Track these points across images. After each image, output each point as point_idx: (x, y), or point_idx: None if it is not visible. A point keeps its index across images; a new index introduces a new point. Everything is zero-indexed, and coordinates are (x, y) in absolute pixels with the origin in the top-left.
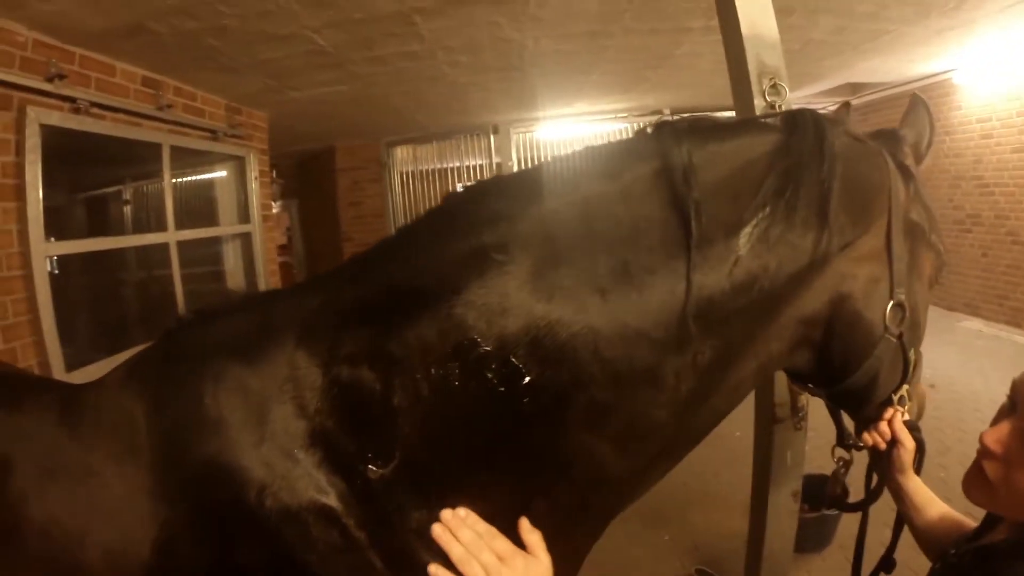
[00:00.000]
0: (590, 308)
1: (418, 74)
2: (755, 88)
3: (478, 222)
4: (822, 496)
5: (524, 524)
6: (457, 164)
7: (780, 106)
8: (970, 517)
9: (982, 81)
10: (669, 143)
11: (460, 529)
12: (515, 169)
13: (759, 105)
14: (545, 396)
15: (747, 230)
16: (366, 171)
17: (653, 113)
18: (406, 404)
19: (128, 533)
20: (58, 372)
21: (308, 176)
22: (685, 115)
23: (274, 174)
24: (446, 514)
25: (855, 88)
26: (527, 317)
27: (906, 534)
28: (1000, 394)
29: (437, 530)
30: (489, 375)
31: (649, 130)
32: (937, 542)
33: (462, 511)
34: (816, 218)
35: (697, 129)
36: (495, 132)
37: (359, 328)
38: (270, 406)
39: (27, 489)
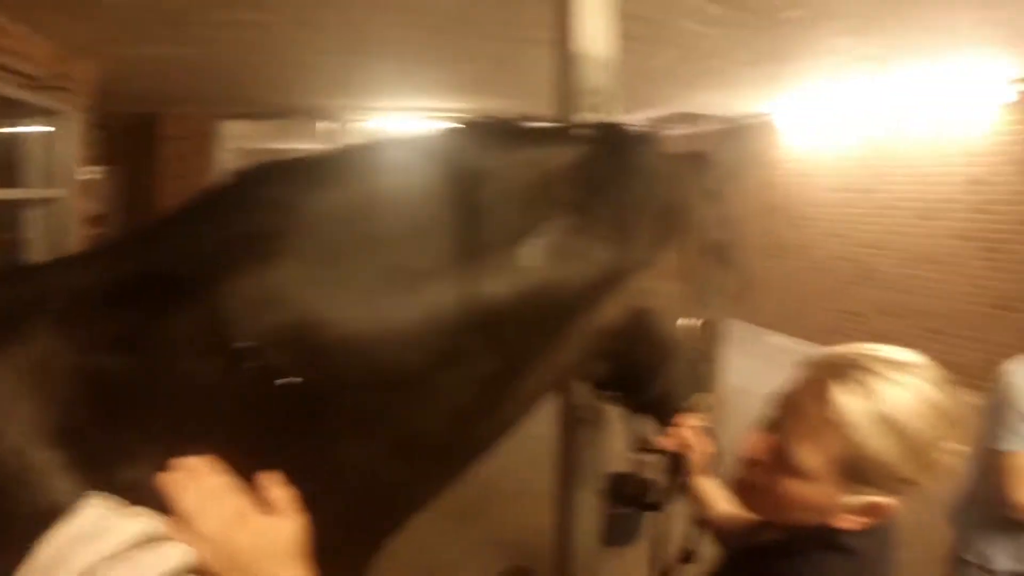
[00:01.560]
0: (361, 308)
1: (263, 46)
2: (579, 104)
3: (255, 206)
4: (625, 494)
5: (266, 479)
6: (291, 146)
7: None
8: None
9: (804, 123)
10: (468, 144)
11: (191, 483)
12: None
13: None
14: (310, 398)
15: (539, 241)
16: (193, 143)
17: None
18: (161, 400)
19: None
20: None
21: (134, 143)
22: (495, 117)
23: (96, 136)
24: (176, 464)
25: (686, 117)
26: (294, 313)
27: None
28: None
29: (163, 481)
30: (250, 372)
31: (455, 128)
32: (728, 534)
33: (194, 460)
34: (616, 233)
35: (503, 132)
36: (333, 119)
37: (118, 314)
38: (16, 395)
39: None
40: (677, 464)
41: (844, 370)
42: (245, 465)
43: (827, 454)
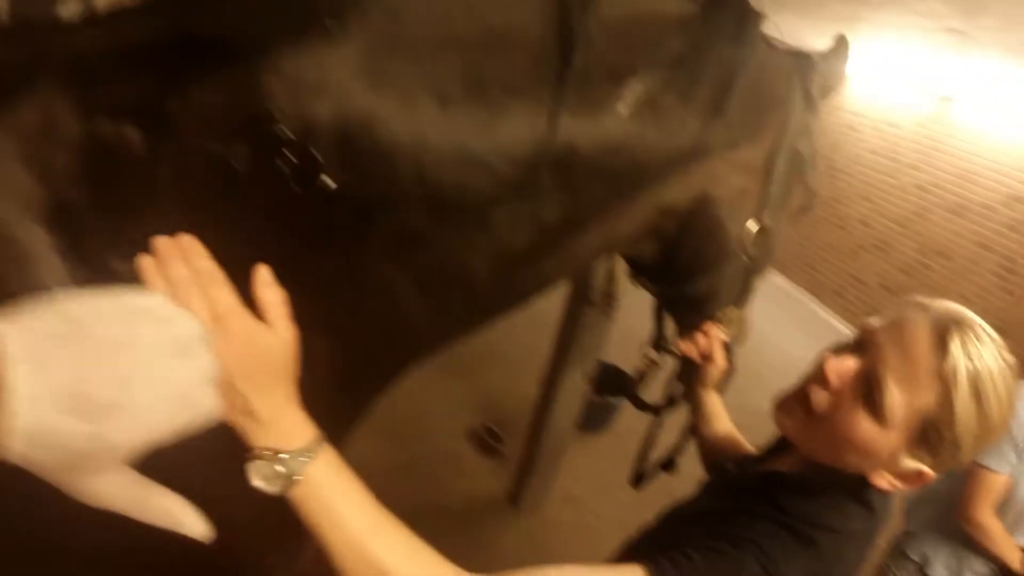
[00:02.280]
0: (424, 113)
1: None
2: None
3: None
4: (612, 385)
5: (262, 274)
6: None
7: None
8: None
9: (870, 80)
10: None
11: (173, 262)
12: None
13: None
14: (346, 207)
15: (636, 86)
16: None
17: None
18: (173, 182)
19: None
20: None
21: None
22: None
23: None
24: (161, 241)
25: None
26: (344, 104)
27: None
28: (789, 345)
29: (143, 262)
30: (282, 165)
31: None
32: (718, 455)
33: (185, 238)
34: (711, 103)
35: None
36: None
37: (135, 74)
38: (10, 163)
39: None
40: (689, 370)
41: (965, 328)
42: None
43: (917, 406)
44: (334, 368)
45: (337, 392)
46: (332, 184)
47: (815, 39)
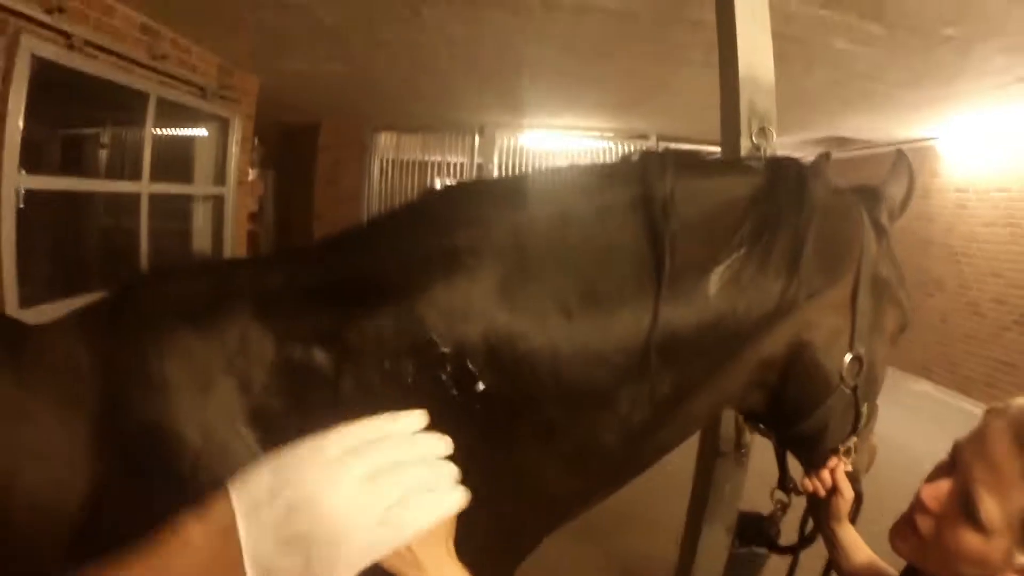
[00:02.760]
0: (553, 325)
1: (415, 63)
2: (744, 129)
3: (454, 223)
4: (753, 533)
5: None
6: (439, 159)
7: (766, 150)
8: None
9: (964, 152)
10: (654, 172)
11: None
12: (496, 172)
13: (745, 146)
14: (498, 406)
15: (719, 270)
16: (348, 152)
17: (639, 137)
18: (354, 393)
19: (58, 484)
20: (11, 307)
21: (289, 148)
22: (671, 147)
23: (256, 141)
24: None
25: (840, 141)
26: (489, 325)
27: None
28: (941, 456)
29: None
30: (443, 377)
31: (635, 157)
32: None
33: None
34: (788, 266)
35: (682, 163)
36: (481, 133)
37: (318, 310)
38: (216, 376)
39: None
40: (819, 507)
41: None
42: None
43: (1013, 508)
44: (489, 534)
45: (491, 556)
46: (482, 386)
47: (899, 130)
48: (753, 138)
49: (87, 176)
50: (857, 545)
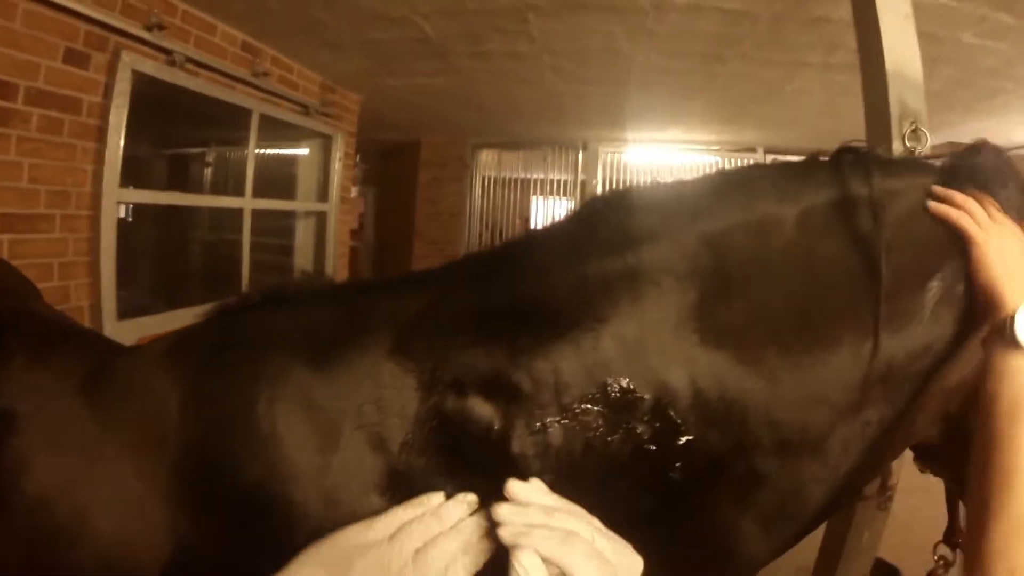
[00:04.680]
0: (768, 359)
1: (518, 76)
2: (895, 131)
3: (632, 237)
4: None
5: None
6: (541, 176)
7: (919, 152)
8: None
9: None
10: (852, 171)
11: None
12: (600, 189)
13: (897, 149)
14: (701, 461)
15: (933, 284)
16: (448, 169)
17: (747, 150)
18: (529, 453)
19: (131, 541)
20: (109, 318)
21: (389, 166)
22: (862, 144)
23: (358, 158)
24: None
25: (954, 148)
26: (692, 362)
27: None
28: None
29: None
30: (640, 429)
31: (822, 156)
32: None
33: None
34: None
35: (877, 161)
36: (584, 148)
37: (473, 347)
38: (343, 429)
39: (27, 456)
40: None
41: None
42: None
43: None
44: None
45: None
46: (685, 439)
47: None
48: (906, 140)
49: (193, 192)
50: None
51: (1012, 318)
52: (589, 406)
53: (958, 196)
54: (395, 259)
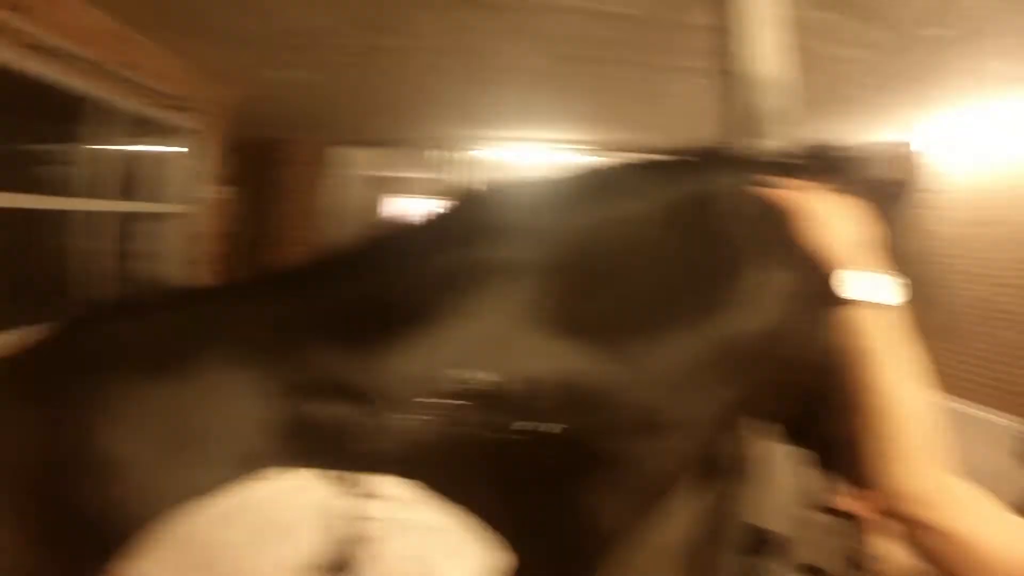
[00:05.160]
0: (616, 347)
1: (395, 73)
2: (757, 131)
3: (490, 233)
4: (759, 547)
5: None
6: (411, 175)
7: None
8: None
9: (946, 153)
10: (695, 168)
11: None
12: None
13: (759, 148)
14: (559, 448)
15: (769, 270)
16: (318, 168)
17: (621, 150)
18: (390, 451)
19: None
20: None
21: (259, 165)
22: (714, 145)
23: (227, 157)
24: None
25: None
26: (542, 354)
27: None
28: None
29: None
30: (500, 421)
31: (683, 153)
32: None
33: None
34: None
35: (722, 158)
36: (456, 148)
37: (328, 348)
38: (195, 445)
39: None
40: (858, 527)
41: None
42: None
43: None
44: None
45: None
46: (542, 427)
47: (872, 134)
48: (767, 140)
49: (43, 192)
50: (905, 560)
51: (846, 279)
52: (449, 400)
53: (794, 182)
54: (265, 262)
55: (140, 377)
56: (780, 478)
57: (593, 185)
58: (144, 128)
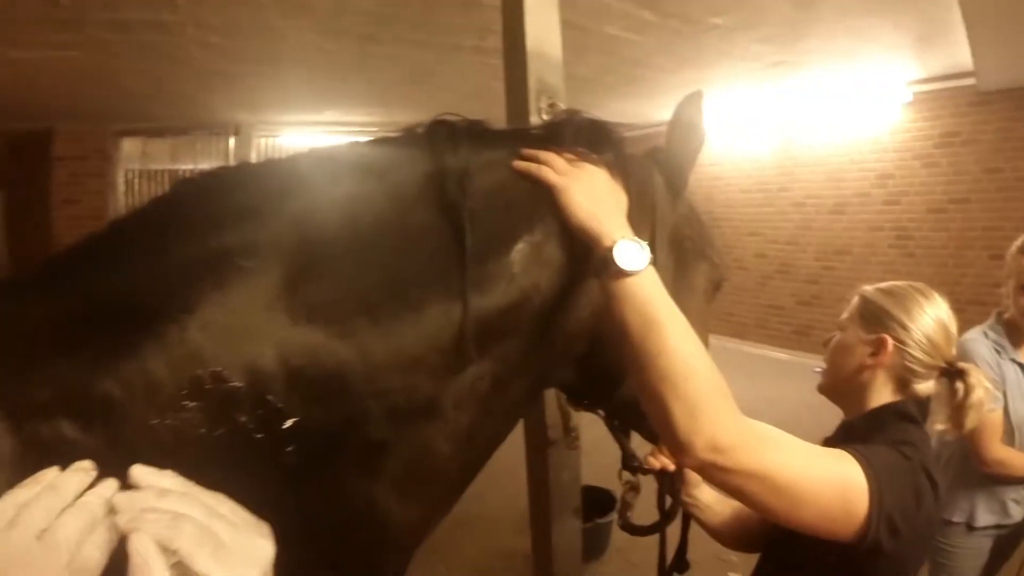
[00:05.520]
0: (361, 331)
1: (163, 51)
2: (532, 106)
3: (219, 218)
4: (596, 505)
5: None
6: (191, 166)
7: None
8: None
9: (719, 129)
10: (443, 144)
11: None
12: None
13: (535, 123)
14: (315, 441)
15: (520, 246)
16: (88, 163)
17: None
18: (130, 461)
19: None
20: None
21: (18, 162)
22: (458, 117)
23: None
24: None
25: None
26: (283, 342)
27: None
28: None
29: None
30: (242, 419)
31: (420, 129)
32: (740, 533)
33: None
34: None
35: (473, 133)
36: (236, 133)
37: (54, 361)
38: None
39: None
40: (670, 482)
41: None
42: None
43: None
44: None
45: None
46: (290, 421)
47: (658, 113)
48: (543, 115)
49: None
50: (718, 499)
51: (612, 248)
52: (187, 402)
53: (542, 154)
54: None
55: None
56: (606, 442)
57: (345, 162)
58: None
